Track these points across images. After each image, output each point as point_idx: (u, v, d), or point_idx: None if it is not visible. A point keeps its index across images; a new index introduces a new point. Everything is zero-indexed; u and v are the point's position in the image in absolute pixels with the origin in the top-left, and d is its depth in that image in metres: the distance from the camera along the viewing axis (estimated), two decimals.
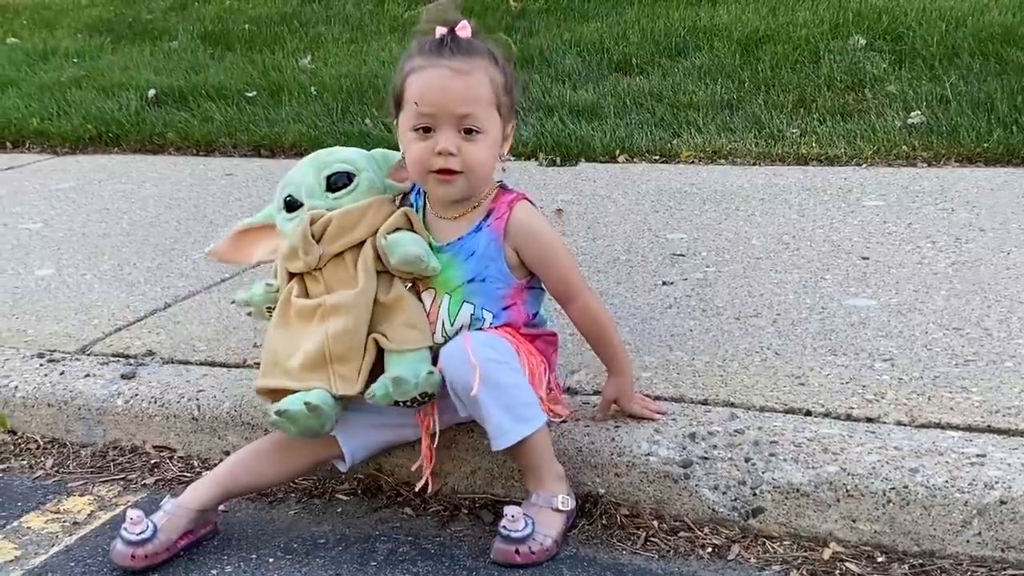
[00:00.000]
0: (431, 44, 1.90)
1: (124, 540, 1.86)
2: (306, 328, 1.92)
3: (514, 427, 1.84)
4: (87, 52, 6.76)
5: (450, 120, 1.86)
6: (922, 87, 4.51)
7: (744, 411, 2.03)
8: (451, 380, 1.85)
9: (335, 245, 1.93)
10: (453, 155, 1.87)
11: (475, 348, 1.82)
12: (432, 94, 1.86)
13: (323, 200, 1.97)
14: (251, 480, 1.99)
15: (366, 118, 4.85)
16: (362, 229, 1.94)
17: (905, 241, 3.01)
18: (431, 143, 1.87)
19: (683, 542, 1.88)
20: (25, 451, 2.38)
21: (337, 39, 6.49)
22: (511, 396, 1.84)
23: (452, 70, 1.86)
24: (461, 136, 1.87)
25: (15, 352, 2.58)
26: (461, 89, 1.86)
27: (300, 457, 1.99)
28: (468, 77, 1.87)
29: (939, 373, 2.15)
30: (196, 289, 2.99)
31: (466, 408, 1.87)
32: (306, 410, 1.84)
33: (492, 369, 1.82)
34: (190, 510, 1.91)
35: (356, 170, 1.99)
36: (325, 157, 2.01)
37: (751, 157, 4.11)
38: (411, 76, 1.89)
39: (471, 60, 1.88)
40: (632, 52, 5.41)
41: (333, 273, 1.94)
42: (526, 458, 1.90)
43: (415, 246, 1.91)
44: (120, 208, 3.96)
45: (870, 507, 1.79)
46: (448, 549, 1.91)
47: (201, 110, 5.24)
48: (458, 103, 1.86)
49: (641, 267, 2.93)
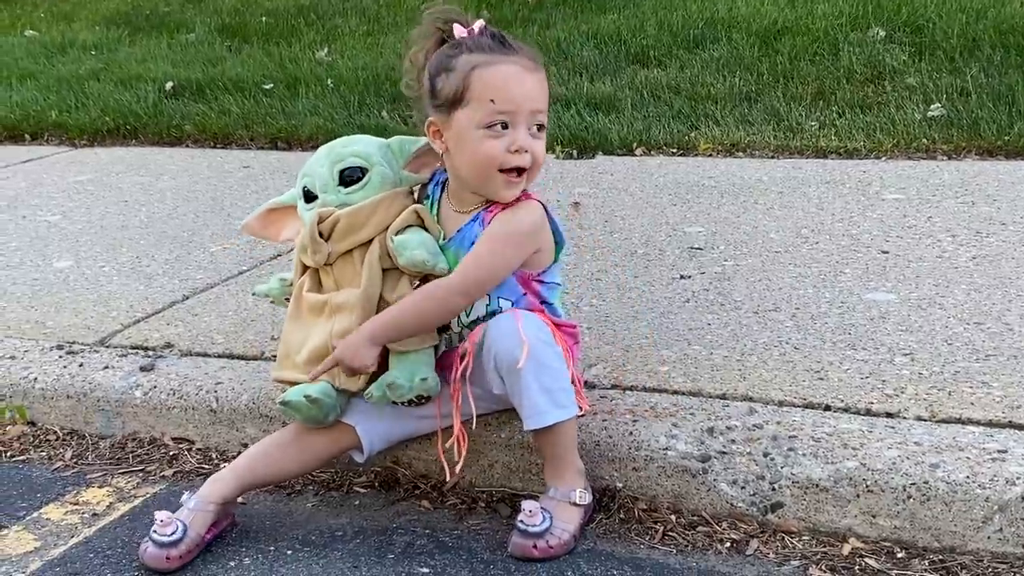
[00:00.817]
0: (488, 40, 1.87)
1: (156, 543, 1.85)
2: (316, 322, 1.95)
3: (550, 410, 1.83)
4: (105, 44, 6.79)
5: (525, 117, 1.86)
6: (942, 79, 4.48)
7: (763, 405, 2.02)
8: (496, 353, 1.83)
9: (343, 244, 1.94)
10: (527, 152, 1.86)
11: (525, 326, 1.83)
12: (512, 90, 1.85)
13: (335, 194, 1.97)
14: (272, 471, 2.00)
15: (383, 110, 4.85)
16: (370, 228, 1.94)
17: (925, 235, 2.99)
18: (506, 141, 1.85)
19: (701, 536, 1.87)
20: (44, 443, 2.39)
21: (354, 31, 6.49)
22: (552, 379, 1.84)
23: (524, 67, 1.86)
24: (531, 133, 1.87)
25: (34, 344, 2.59)
26: (537, 86, 1.87)
27: (320, 447, 1.99)
28: (538, 73, 1.88)
29: (959, 368, 2.13)
30: (214, 281, 2.99)
31: (502, 385, 1.85)
32: (306, 402, 1.88)
33: (540, 349, 1.82)
34: (214, 503, 1.92)
35: (369, 165, 1.98)
36: (340, 149, 2.01)
37: (769, 150, 4.09)
38: (478, 72, 1.85)
39: (534, 56, 1.89)
40: (650, 44, 5.39)
41: (342, 269, 1.96)
42: (551, 447, 1.89)
43: (421, 249, 1.90)
44: (138, 200, 3.98)
45: (890, 502, 1.78)
46: (465, 542, 1.91)
47: (218, 102, 5.25)
48: (535, 99, 1.87)
49: (659, 261, 2.92)
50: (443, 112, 1.89)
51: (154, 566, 1.85)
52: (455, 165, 1.93)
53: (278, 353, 2.01)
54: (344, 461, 2.15)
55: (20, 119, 5.39)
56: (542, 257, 1.98)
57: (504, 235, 1.90)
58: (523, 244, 1.92)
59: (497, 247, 1.90)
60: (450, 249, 1.96)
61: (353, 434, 1.98)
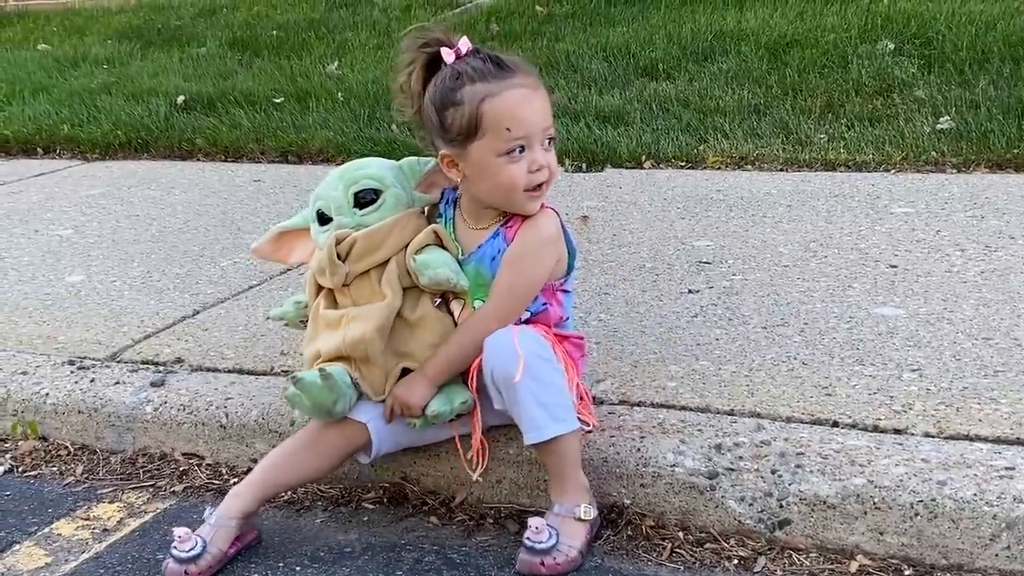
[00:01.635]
0: (484, 64, 1.89)
1: (176, 559, 1.86)
2: (331, 334, 1.97)
3: (548, 424, 1.84)
4: (117, 58, 6.84)
5: (538, 136, 1.90)
6: (951, 92, 4.48)
7: (770, 422, 2.02)
8: (492, 368, 1.85)
9: (360, 264, 1.97)
10: (545, 167, 1.91)
11: (521, 341, 1.84)
12: (524, 115, 1.88)
13: (351, 217, 2.00)
14: (288, 479, 2.01)
15: (392, 124, 4.86)
16: (386, 249, 1.97)
17: (934, 249, 2.99)
18: (524, 163, 1.90)
19: (709, 553, 1.88)
20: (56, 458, 2.40)
21: (364, 45, 6.52)
22: (549, 393, 1.85)
23: (529, 87, 1.90)
24: (544, 148, 1.91)
25: (46, 359, 2.61)
26: (543, 104, 1.91)
27: (331, 449, 1.98)
28: (541, 90, 1.92)
29: (968, 384, 2.13)
30: (224, 296, 3.01)
31: (502, 400, 1.87)
32: (319, 378, 1.87)
33: (536, 364, 1.83)
34: (234, 518, 1.92)
35: (383, 187, 2.01)
36: (354, 172, 2.03)
37: (778, 163, 4.09)
38: (489, 103, 1.87)
39: (529, 71, 1.92)
40: (659, 57, 5.41)
41: (359, 289, 1.98)
42: (554, 462, 1.90)
43: (444, 268, 1.94)
44: (149, 214, 4.00)
45: (897, 520, 1.78)
46: (473, 559, 1.92)
47: (229, 116, 5.28)
48: (544, 117, 1.91)
49: (667, 275, 2.93)
50: (457, 145, 1.92)
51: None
52: (476, 190, 1.97)
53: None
54: (353, 476, 2.16)
55: (33, 133, 5.42)
56: (561, 265, 2.02)
57: (528, 253, 1.95)
58: (548, 256, 1.98)
59: (525, 267, 1.95)
60: (470, 264, 1.98)
61: (364, 432, 1.97)
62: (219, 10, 8.05)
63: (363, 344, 1.92)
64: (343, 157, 4.67)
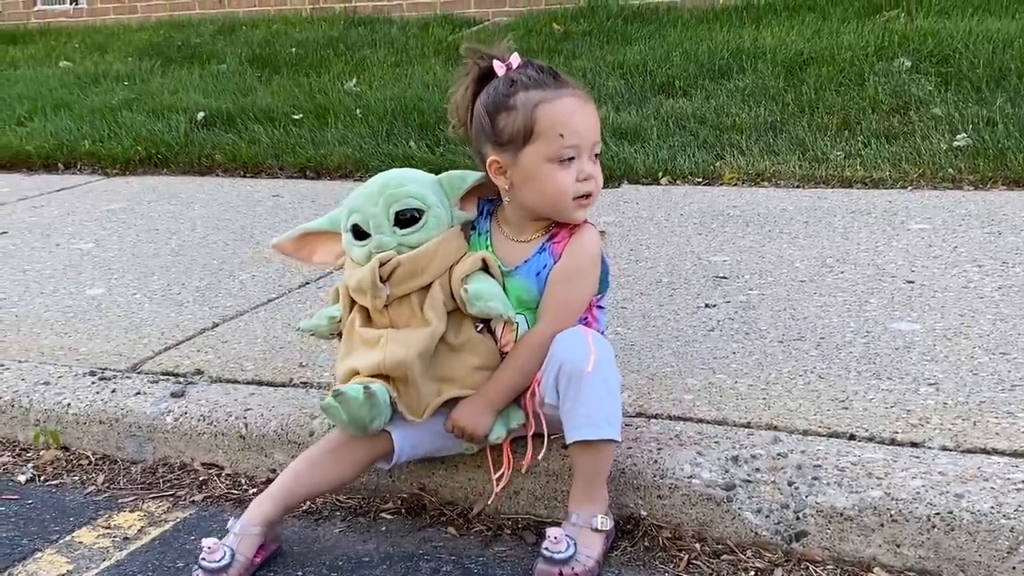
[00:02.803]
0: (540, 74, 1.93)
1: (206, 569, 1.87)
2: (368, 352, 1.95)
3: (603, 425, 1.85)
4: (137, 75, 6.91)
5: (588, 147, 1.93)
6: (968, 109, 4.48)
7: (787, 434, 2.03)
8: (563, 360, 1.85)
9: (402, 288, 1.94)
10: (593, 179, 1.94)
11: (595, 341, 1.88)
12: (578, 124, 1.91)
13: (391, 236, 1.95)
14: (310, 488, 2.02)
15: (410, 140, 4.90)
16: (429, 273, 1.94)
17: (951, 265, 2.99)
18: (574, 171, 1.92)
19: (726, 565, 1.88)
20: (77, 467, 2.43)
21: (382, 62, 6.57)
22: (608, 398, 1.86)
23: (580, 98, 1.93)
24: (593, 161, 1.95)
25: (67, 370, 2.64)
26: (594, 117, 1.95)
27: (354, 457, 1.99)
28: (592, 103, 1.95)
29: (985, 398, 2.13)
30: (243, 309, 3.03)
31: (555, 395, 1.87)
32: (362, 395, 1.85)
33: (606, 366, 1.86)
34: (259, 526, 1.94)
35: (425, 206, 1.96)
36: (395, 189, 1.97)
37: (795, 179, 4.10)
38: (543, 108, 1.90)
39: (581, 87, 1.95)
40: (675, 74, 5.43)
41: (398, 310, 1.95)
42: (589, 466, 1.89)
43: (496, 300, 1.94)
44: (169, 228, 4.04)
45: (914, 532, 1.79)
46: (491, 569, 1.92)
47: (248, 132, 5.32)
48: (595, 129, 1.95)
49: (683, 289, 2.94)
50: (508, 150, 1.93)
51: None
52: (523, 198, 1.97)
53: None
54: (371, 487, 2.17)
55: (54, 148, 5.48)
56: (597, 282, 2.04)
57: (578, 269, 1.98)
58: (593, 271, 2.01)
59: (573, 281, 1.98)
60: (514, 279, 2.00)
61: (387, 441, 1.98)
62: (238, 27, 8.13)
63: (404, 367, 1.89)
64: (361, 173, 4.72)
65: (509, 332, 1.99)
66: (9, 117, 6.09)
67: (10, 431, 2.55)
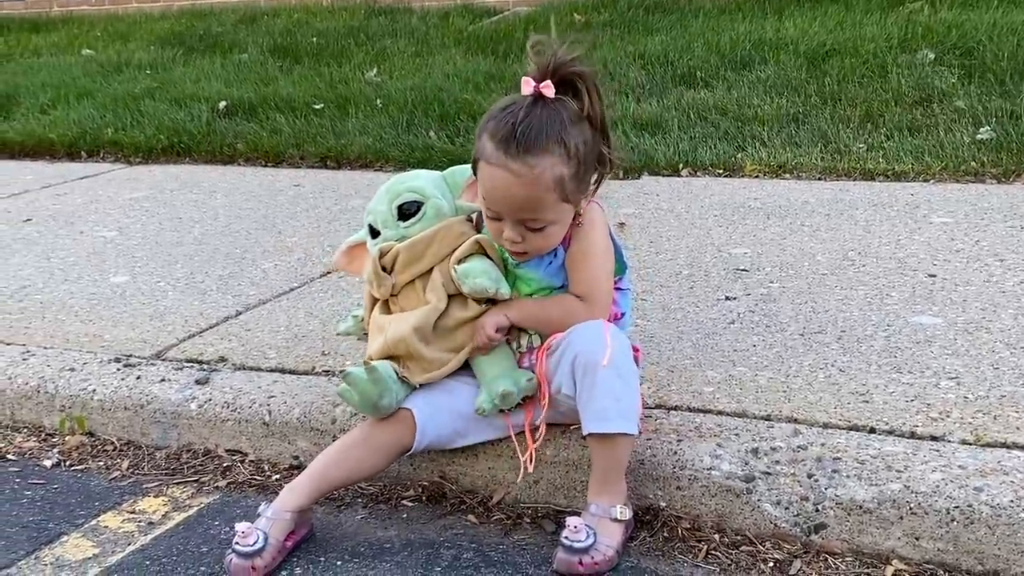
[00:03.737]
0: (503, 131, 1.87)
1: (240, 554, 1.89)
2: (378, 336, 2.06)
3: (616, 419, 1.86)
4: (159, 64, 6.93)
5: (513, 219, 1.93)
6: (992, 102, 4.45)
7: (807, 427, 2.03)
8: (578, 351, 1.87)
9: (405, 275, 2.03)
10: (519, 242, 1.95)
11: (612, 334, 1.89)
12: (496, 197, 1.92)
13: (395, 229, 2.05)
14: (340, 476, 2.03)
15: (431, 130, 4.91)
16: (428, 259, 2.02)
17: (973, 259, 2.98)
18: (500, 227, 1.95)
19: (744, 556, 1.89)
20: (102, 453, 2.46)
21: (402, 52, 6.57)
22: (625, 391, 1.87)
23: (514, 174, 1.87)
24: (527, 228, 1.93)
25: (93, 356, 2.67)
26: (521, 198, 1.89)
27: (380, 444, 2.02)
28: (529, 185, 1.87)
29: (1006, 392, 2.13)
30: (266, 298, 3.06)
31: (572, 385, 1.88)
32: (365, 371, 1.94)
33: (621, 359, 1.87)
34: (290, 512, 1.96)
35: (423, 198, 2.05)
36: (397, 186, 2.08)
37: (816, 172, 4.09)
38: (483, 164, 1.92)
39: (536, 161, 1.86)
40: (697, 65, 5.41)
41: (407, 297, 2.05)
42: (605, 460, 1.91)
43: (483, 277, 1.98)
44: (192, 217, 4.07)
45: (933, 525, 1.79)
46: (511, 557, 1.94)
47: (270, 122, 5.34)
48: (519, 209, 1.91)
49: (704, 282, 2.94)
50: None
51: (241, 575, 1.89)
52: None
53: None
54: (392, 475, 2.19)
55: (77, 136, 5.52)
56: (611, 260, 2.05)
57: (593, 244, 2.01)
58: (608, 243, 2.04)
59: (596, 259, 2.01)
60: (522, 268, 2.04)
61: (413, 428, 2.01)
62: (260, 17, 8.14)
63: (403, 343, 1.98)
64: (381, 163, 4.74)
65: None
66: (33, 105, 6.13)
67: (36, 417, 2.58)
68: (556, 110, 1.89)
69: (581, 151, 1.90)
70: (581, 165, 1.91)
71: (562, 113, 1.89)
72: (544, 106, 1.89)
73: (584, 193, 1.97)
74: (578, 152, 1.90)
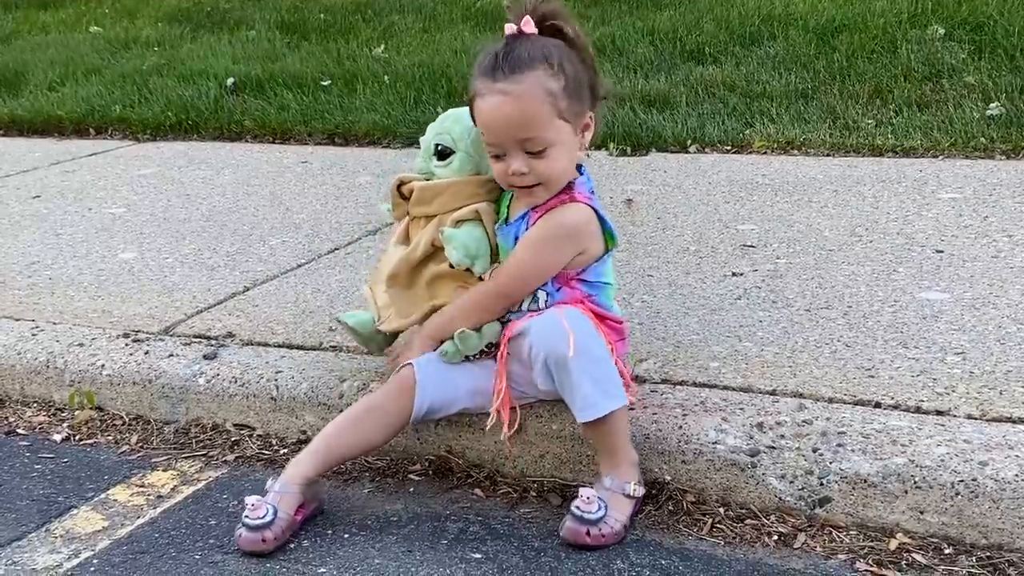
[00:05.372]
0: (487, 62, 1.93)
1: (250, 527, 1.89)
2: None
3: (601, 400, 1.87)
4: (167, 41, 6.93)
5: (514, 146, 1.93)
6: (1002, 78, 4.43)
7: (813, 402, 2.04)
8: (544, 350, 1.87)
9: (415, 210, 2.15)
10: (526, 174, 1.94)
11: (568, 318, 1.88)
12: (493, 124, 1.94)
13: (427, 163, 2.16)
14: (347, 447, 2.04)
15: (438, 106, 4.90)
16: (434, 206, 2.12)
17: (981, 235, 2.97)
18: (505, 165, 1.95)
19: (749, 529, 1.90)
20: (111, 427, 2.47)
21: (410, 28, 6.56)
22: (600, 369, 1.88)
23: (504, 94, 1.89)
24: (531, 155, 1.93)
25: (101, 332, 2.68)
26: (516, 115, 1.90)
27: (390, 416, 2.03)
28: (520, 100, 1.89)
29: (1012, 368, 2.13)
30: (274, 274, 3.07)
31: (549, 382, 1.89)
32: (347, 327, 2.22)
33: (585, 340, 1.86)
34: (298, 484, 1.96)
35: (455, 148, 2.10)
36: (443, 122, 2.14)
37: (825, 148, 4.08)
38: (476, 101, 1.96)
39: (523, 77, 1.89)
40: (705, 41, 5.39)
41: (414, 226, 2.17)
42: (604, 438, 1.92)
43: (460, 250, 2.04)
44: (200, 194, 4.07)
45: (938, 499, 1.80)
46: (517, 529, 1.95)
47: (278, 98, 5.34)
48: (516, 129, 1.91)
49: (711, 258, 2.94)
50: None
51: (251, 549, 1.89)
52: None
53: (373, 270, 2.34)
54: (399, 449, 2.21)
55: (85, 113, 5.52)
56: (583, 258, 2.02)
57: (543, 238, 1.99)
58: (563, 246, 1.99)
59: (537, 248, 2.00)
60: (500, 236, 2.08)
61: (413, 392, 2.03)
62: None
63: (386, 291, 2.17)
64: (389, 140, 4.74)
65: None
66: (41, 82, 6.14)
67: (45, 391, 2.60)
68: (538, 40, 1.94)
69: (568, 68, 1.93)
70: (570, 81, 1.92)
71: (545, 41, 1.94)
72: (526, 38, 1.93)
73: (581, 116, 1.97)
74: (564, 68, 1.92)
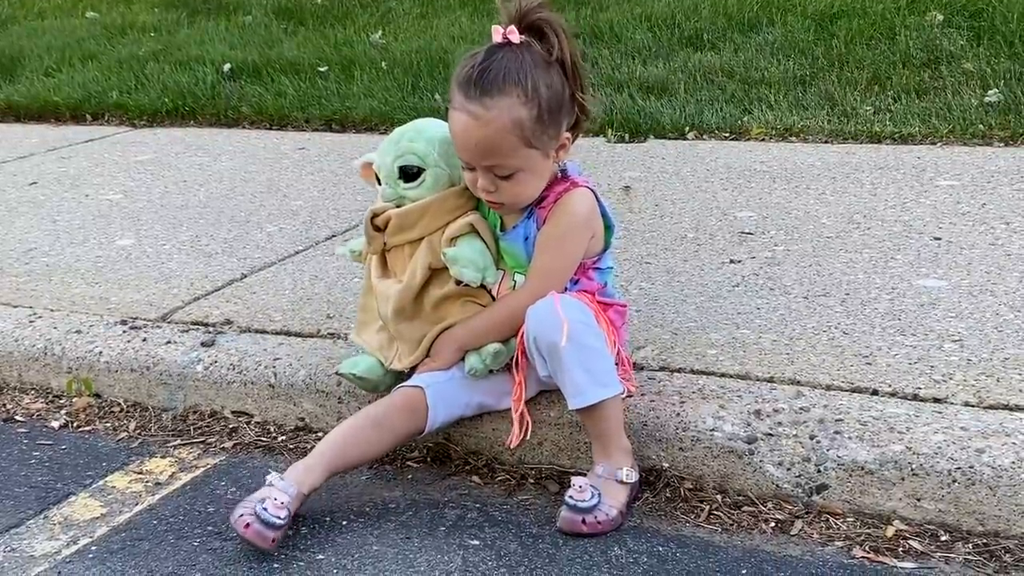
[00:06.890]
0: (463, 74, 1.90)
1: (266, 522, 1.83)
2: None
3: (592, 389, 1.87)
4: (164, 26, 6.90)
5: (481, 168, 1.93)
6: (1000, 65, 4.42)
7: (810, 389, 2.04)
8: (536, 335, 1.88)
9: (394, 240, 2.07)
10: (492, 192, 1.94)
11: (564, 307, 1.88)
12: (459, 141, 1.93)
13: (394, 188, 2.07)
14: (355, 456, 2.01)
15: (436, 93, 4.89)
16: (418, 229, 2.05)
17: (978, 222, 2.97)
18: (474, 176, 1.95)
19: (746, 516, 1.90)
20: (109, 414, 2.47)
21: (407, 14, 6.54)
22: (593, 358, 1.88)
23: (473, 117, 1.88)
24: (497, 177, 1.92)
25: (99, 319, 2.68)
26: (483, 143, 1.89)
27: (396, 428, 2.02)
28: (488, 127, 1.87)
29: (1009, 355, 2.13)
30: (271, 261, 3.06)
31: (545, 367, 1.90)
32: (354, 377, 2.13)
33: (579, 329, 1.86)
34: (305, 494, 1.92)
35: (425, 165, 2.04)
36: (405, 143, 2.05)
37: (823, 135, 4.07)
38: (451, 111, 1.94)
39: (492, 102, 1.86)
40: (704, 27, 5.38)
41: (395, 258, 2.11)
42: (597, 425, 1.93)
43: (470, 267, 2.01)
44: (197, 180, 4.06)
45: (935, 486, 1.80)
46: (514, 517, 1.96)
47: (275, 85, 5.33)
48: (481, 156, 1.91)
49: (709, 245, 2.94)
50: None
51: (257, 544, 1.84)
52: None
53: (358, 317, 2.20)
54: None
55: (82, 99, 5.50)
56: (595, 244, 2.03)
57: (561, 235, 1.99)
58: (581, 236, 2.00)
59: (560, 244, 1.99)
60: (505, 242, 2.04)
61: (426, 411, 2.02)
62: None
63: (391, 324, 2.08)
64: (387, 126, 4.71)
65: (507, 282, 2.05)
66: (37, 68, 6.11)
67: (43, 378, 2.60)
68: (520, 54, 1.89)
69: (544, 94, 1.88)
70: (543, 109, 1.88)
71: (526, 56, 1.89)
72: (509, 50, 1.89)
73: (554, 140, 1.94)
74: (539, 95, 1.88)
